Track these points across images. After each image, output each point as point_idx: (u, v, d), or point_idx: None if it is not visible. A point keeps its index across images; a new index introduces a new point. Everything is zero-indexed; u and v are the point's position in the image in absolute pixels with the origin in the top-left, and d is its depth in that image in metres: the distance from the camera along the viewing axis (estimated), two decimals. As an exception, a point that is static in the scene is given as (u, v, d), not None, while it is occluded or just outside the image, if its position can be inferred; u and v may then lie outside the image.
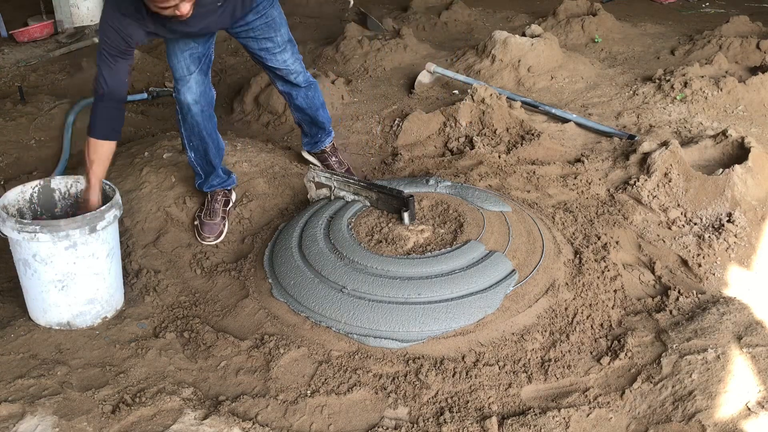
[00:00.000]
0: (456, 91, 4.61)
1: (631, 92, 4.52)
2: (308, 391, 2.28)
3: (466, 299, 2.50)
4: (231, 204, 3.17)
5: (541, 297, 2.62)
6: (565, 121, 4.12)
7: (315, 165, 3.37)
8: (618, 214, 3.17)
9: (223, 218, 3.09)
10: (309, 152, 3.51)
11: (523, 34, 5.07)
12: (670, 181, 3.24)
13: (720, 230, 3.00)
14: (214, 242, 3.05)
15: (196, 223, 3.09)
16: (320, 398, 2.25)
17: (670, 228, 3.10)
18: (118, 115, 2.59)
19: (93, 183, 2.54)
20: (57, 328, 2.48)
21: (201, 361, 2.42)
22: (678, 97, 4.30)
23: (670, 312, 2.59)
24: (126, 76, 2.57)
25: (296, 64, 3.07)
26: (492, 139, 3.81)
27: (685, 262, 2.90)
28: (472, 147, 3.71)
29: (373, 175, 3.67)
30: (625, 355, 2.37)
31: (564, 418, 2.12)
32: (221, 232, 3.07)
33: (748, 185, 3.16)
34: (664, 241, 3.02)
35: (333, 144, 3.50)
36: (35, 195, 2.61)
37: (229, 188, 3.16)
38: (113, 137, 2.58)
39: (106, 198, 2.57)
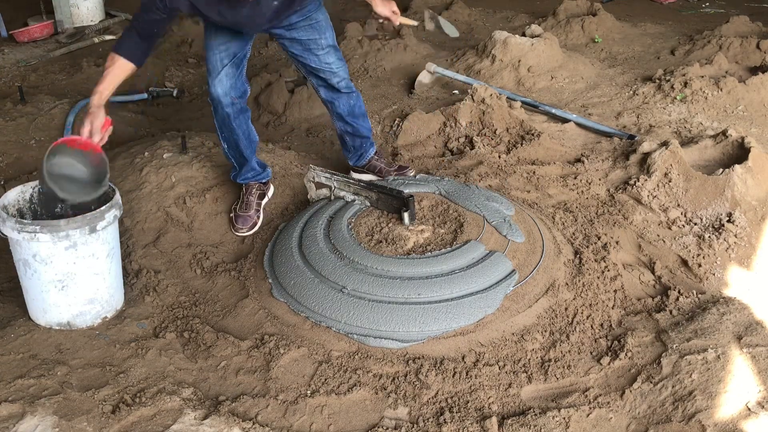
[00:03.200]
0: (456, 91, 4.61)
1: (631, 92, 4.52)
2: (308, 391, 2.28)
3: (466, 299, 2.50)
4: (267, 198, 3.22)
5: (541, 297, 2.62)
6: (565, 121, 4.12)
7: (360, 180, 3.12)
8: (618, 214, 3.17)
9: (257, 211, 3.13)
10: (356, 167, 3.42)
11: (523, 34, 5.08)
12: (670, 181, 3.24)
13: (720, 230, 3.00)
14: (247, 233, 3.09)
15: (231, 215, 3.14)
16: (320, 398, 2.25)
17: (670, 228, 3.10)
18: (143, 45, 2.62)
19: (95, 102, 2.54)
20: (57, 328, 2.48)
21: (201, 361, 2.42)
22: (678, 97, 4.30)
23: (670, 312, 2.59)
24: (156, 27, 2.61)
25: (340, 68, 3.09)
26: (492, 139, 3.81)
27: (685, 262, 2.90)
28: (472, 147, 3.71)
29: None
30: (625, 355, 2.37)
31: (564, 418, 2.12)
32: (254, 224, 3.10)
33: (748, 185, 3.16)
34: (664, 241, 3.02)
35: (377, 150, 3.45)
36: (35, 195, 2.61)
37: (264, 181, 3.19)
38: (133, 59, 2.61)
39: (106, 198, 2.57)
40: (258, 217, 3.13)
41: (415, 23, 3.29)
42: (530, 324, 2.53)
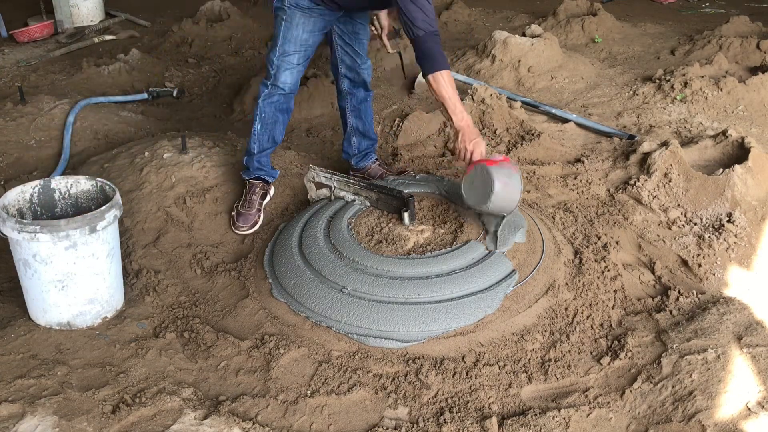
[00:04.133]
0: (456, 91, 4.61)
1: (631, 92, 4.52)
2: (308, 391, 2.28)
3: (466, 299, 2.50)
4: (269, 198, 3.25)
5: (541, 297, 2.62)
6: (565, 121, 4.12)
7: (361, 180, 3.13)
8: (618, 214, 3.17)
9: (259, 210, 3.16)
10: (357, 168, 3.46)
11: (523, 34, 5.08)
12: (670, 181, 3.24)
13: (720, 230, 3.00)
14: (247, 232, 3.11)
15: (232, 213, 3.16)
16: (320, 398, 2.25)
17: (670, 228, 3.10)
18: None
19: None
20: (57, 328, 2.48)
21: (201, 361, 2.42)
22: (678, 97, 4.30)
23: (670, 312, 2.59)
24: None
25: (369, 64, 3.22)
26: (492, 139, 3.81)
27: (685, 262, 2.90)
28: (472, 147, 3.71)
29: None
30: (625, 355, 2.37)
31: (564, 418, 2.12)
32: (255, 223, 3.12)
33: (748, 185, 3.16)
34: (664, 241, 3.02)
35: (377, 157, 3.50)
36: (35, 195, 2.61)
37: (268, 181, 3.22)
38: None
39: (106, 198, 2.57)
40: (259, 217, 3.14)
41: (390, 49, 3.36)
42: (530, 324, 2.53)
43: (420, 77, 4.72)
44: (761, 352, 2.25)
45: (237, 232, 3.11)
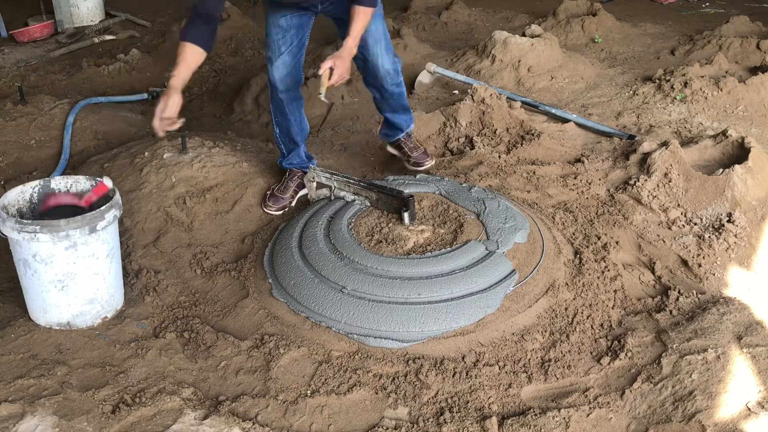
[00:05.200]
0: (456, 91, 4.61)
1: (631, 92, 4.52)
2: (308, 391, 2.28)
3: (466, 299, 2.50)
4: (304, 190, 3.31)
5: (541, 297, 2.62)
6: (565, 121, 4.12)
7: (361, 180, 3.10)
8: (618, 214, 3.17)
9: (293, 197, 3.27)
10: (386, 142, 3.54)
11: (523, 34, 5.07)
12: (670, 181, 3.24)
13: (720, 230, 3.00)
14: (274, 213, 3.21)
15: (267, 193, 3.28)
16: (320, 398, 2.25)
17: (670, 228, 3.10)
18: (207, 31, 2.70)
19: (172, 83, 2.63)
20: (57, 328, 2.48)
21: (201, 361, 2.42)
22: (678, 97, 4.30)
23: (670, 312, 2.59)
24: (217, 7, 2.73)
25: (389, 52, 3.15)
26: (492, 139, 3.81)
27: (685, 262, 2.90)
28: (472, 147, 3.71)
29: (373, 175, 3.67)
30: (625, 355, 2.37)
31: (564, 418, 2.12)
32: (284, 207, 3.23)
33: (748, 185, 3.16)
34: (664, 241, 3.02)
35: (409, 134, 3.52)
36: (35, 195, 2.61)
37: (306, 170, 3.28)
38: (200, 45, 2.68)
39: (106, 198, 2.57)
40: (290, 203, 3.24)
41: (323, 97, 2.92)
42: (530, 324, 2.53)
43: (421, 76, 4.73)
44: (761, 352, 2.25)
45: (265, 210, 3.22)
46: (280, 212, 3.22)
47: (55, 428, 1.99)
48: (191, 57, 2.67)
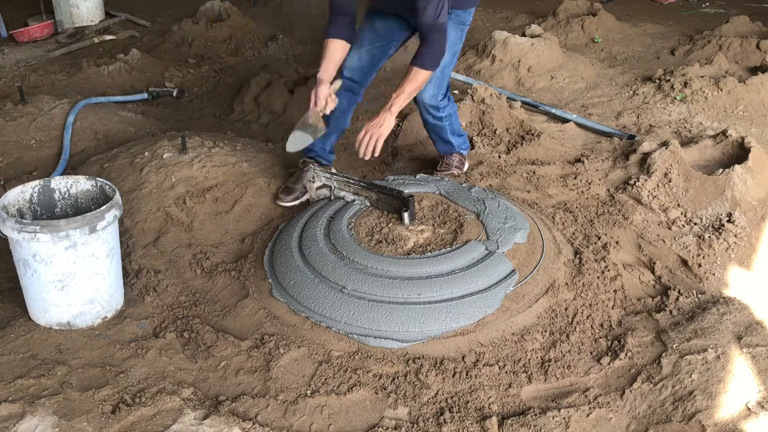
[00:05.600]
0: (456, 91, 4.61)
1: (631, 92, 4.52)
2: (308, 391, 2.28)
3: (466, 299, 2.50)
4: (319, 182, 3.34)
5: (541, 297, 2.62)
6: (565, 121, 4.12)
7: (361, 180, 3.09)
8: (618, 214, 3.17)
9: (305, 187, 3.26)
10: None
11: (523, 34, 5.08)
12: (670, 181, 3.25)
13: (720, 230, 3.00)
14: (287, 204, 3.24)
15: (282, 187, 3.32)
16: (320, 398, 2.25)
17: (670, 228, 3.10)
18: (347, 24, 2.93)
19: (320, 77, 2.87)
20: (57, 328, 2.48)
21: (201, 361, 2.42)
22: (678, 97, 4.30)
23: (670, 312, 2.59)
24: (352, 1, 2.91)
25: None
26: (492, 139, 3.81)
27: (685, 262, 2.90)
28: (472, 147, 3.71)
29: (373, 175, 3.67)
30: (625, 355, 2.37)
31: (564, 418, 2.12)
32: (296, 198, 3.25)
33: (748, 185, 3.16)
34: (664, 241, 3.02)
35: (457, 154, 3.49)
36: (35, 195, 2.61)
37: (322, 163, 3.31)
38: (344, 38, 2.91)
39: (106, 198, 2.57)
40: (302, 193, 3.25)
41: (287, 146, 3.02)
42: (530, 324, 2.53)
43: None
44: (761, 352, 2.25)
45: (278, 203, 3.25)
46: (293, 203, 3.24)
47: (55, 428, 1.99)
48: (336, 52, 2.89)
